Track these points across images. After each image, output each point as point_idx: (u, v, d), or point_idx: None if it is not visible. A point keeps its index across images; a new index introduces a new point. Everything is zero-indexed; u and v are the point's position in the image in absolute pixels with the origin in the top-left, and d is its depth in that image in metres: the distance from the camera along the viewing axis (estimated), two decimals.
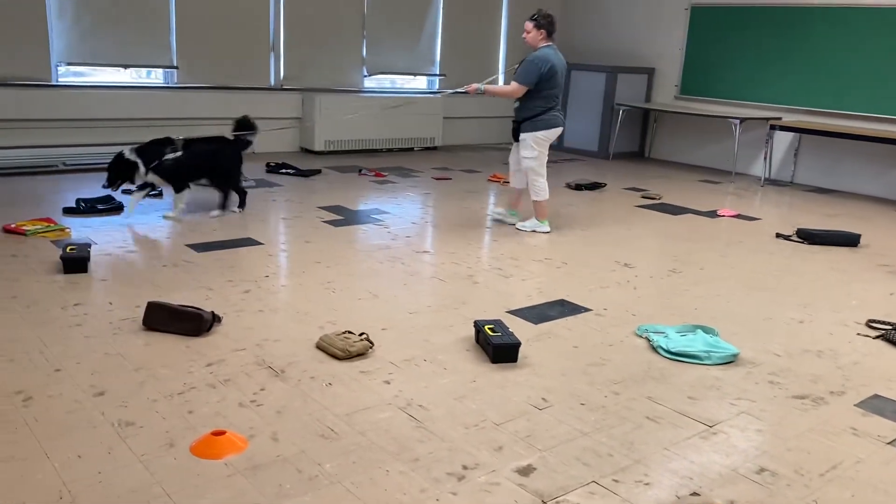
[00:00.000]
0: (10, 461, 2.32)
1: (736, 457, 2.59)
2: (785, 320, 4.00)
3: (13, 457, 2.35)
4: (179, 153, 5.37)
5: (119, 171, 5.25)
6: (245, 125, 5.77)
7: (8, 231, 4.81)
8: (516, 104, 5.51)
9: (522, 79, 5.36)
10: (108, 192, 5.43)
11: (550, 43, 5.41)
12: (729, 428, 2.80)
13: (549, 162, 5.64)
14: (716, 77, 9.09)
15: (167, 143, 5.41)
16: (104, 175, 5.31)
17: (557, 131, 5.52)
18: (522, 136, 5.47)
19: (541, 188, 5.54)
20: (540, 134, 5.44)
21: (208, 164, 5.57)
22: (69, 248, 4.20)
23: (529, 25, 5.39)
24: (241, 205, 5.78)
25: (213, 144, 5.65)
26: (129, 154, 5.23)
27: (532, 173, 5.53)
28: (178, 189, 5.45)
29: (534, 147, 5.46)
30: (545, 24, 5.37)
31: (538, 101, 5.39)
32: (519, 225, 5.68)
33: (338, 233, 5.28)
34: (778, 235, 5.86)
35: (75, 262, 4.11)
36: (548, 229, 5.61)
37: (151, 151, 5.31)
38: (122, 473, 2.29)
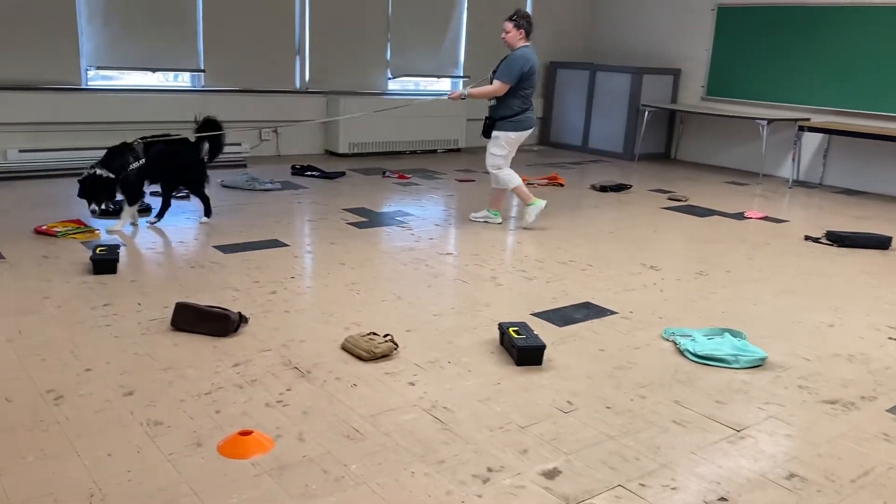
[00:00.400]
0: (43, 459, 2.36)
1: (765, 462, 2.56)
2: (814, 324, 3.95)
3: (45, 454, 2.38)
4: (143, 160, 5.07)
5: (101, 192, 4.96)
6: (209, 126, 5.36)
7: (39, 232, 4.89)
8: (492, 102, 5.53)
9: (506, 77, 5.37)
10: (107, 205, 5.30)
11: (528, 43, 5.48)
12: (757, 432, 2.76)
13: (574, 164, 5.64)
14: (743, 78, 8.99)
15: (128, 150, 5.07)
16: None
17: (529, 132, 5.62)
18: (496, 133, 5.50)
19: (508, 177, 5.58)
20: (513, 134, 5.52)
21: (166, 167, 5.20)
22: (99, 249, 4.26)
23: (509, 25, 5.41)
24: (207, 213, 5.43)
25: (172, 146, 5.25)
26: (101, 171, 4.90)
27: (495, 173, 5.60)
28: (133, 201, 5.10)
29: (504, 146, 5.52)
30: (524, 24, 5.41)
31: (516, 100, 5.44)
32: (524, 223, 5.64)
33: (362, 235, 5.31)
34: (807, 238, 5.79)
35: (105, 263, 4.16)
36: (544, 203, 5.66)
37: (118, 163, 4.97)
38: (151, 472, 2.32)
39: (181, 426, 2.60)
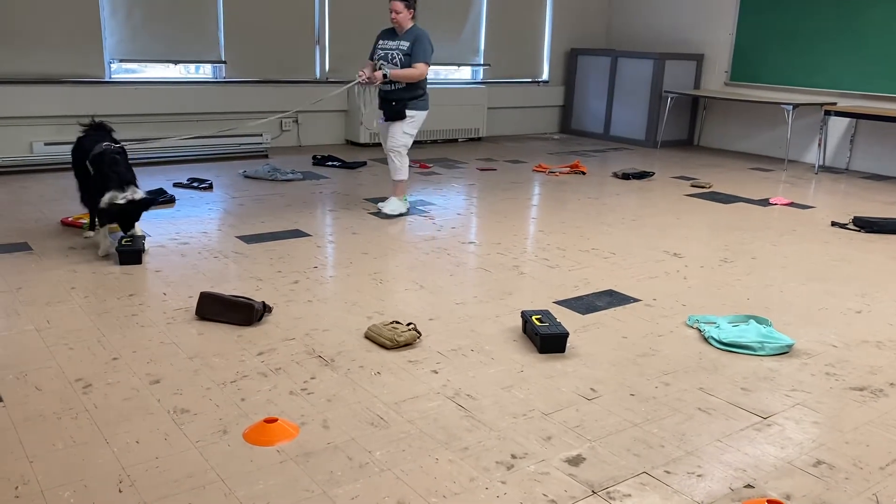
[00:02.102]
0: (73, 446, 2.40)
1: (791, 449, 2.54)
2: (841, 310, 3.90)
3: (75, 441, 2.42)
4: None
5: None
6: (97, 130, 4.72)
7: (66, 224, 4.95)
8: (392, 85, 5.34)
9: (425, 57, 5.29)
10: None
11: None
12: (784, 420, 2.74)
13: (595, 151, 5.59)
14: (767, 62, 8.86)
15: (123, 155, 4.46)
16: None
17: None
18: (411, 112, 5.38)
19: (405, 166, 5.53)
20: (425, 113, 5.48)
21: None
22: (124, 240, 4.30)
23: (400, 6, 5.26)
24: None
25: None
26: (129, 194, 4.21)
27: (401, 151, 5.48)
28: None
29: (414, 126, 5.46)
30: (414, 3, 5.33)
31: (423, 79, 5.39)
32: (387, 210, 5.50)
33: (384, 224, 5.31)
34: (833, 224, 5.70)
35: (130, 254, 4.21)
36: (408, 207, 5.63)
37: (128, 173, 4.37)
38: (179, 459, 2.35)
39: (207, 414, 2.63)
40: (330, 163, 7.45)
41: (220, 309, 3.43)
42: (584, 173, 7.50)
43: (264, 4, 7.94)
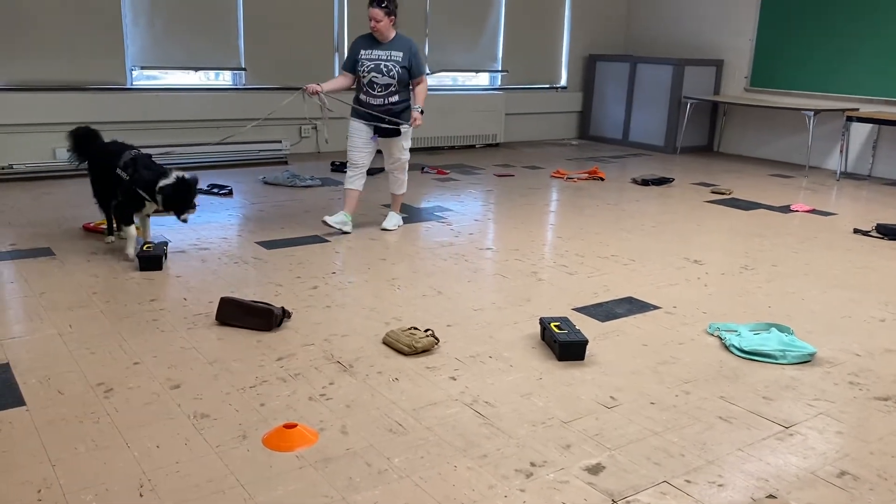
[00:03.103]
0: (94, 450, 2.42)
1: (814, 459, 2.51)
2: (865, 318, 3.85)
3: (96, 445, 2.44)
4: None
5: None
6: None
7: (87, 230, 5.00)
8: (385, 99, 4.97)
9: (425, 68, 5.03)
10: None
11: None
12: (807, 429, 2.70)
13: (614, 157, 5.56)
14: (788, 68, 8.79)
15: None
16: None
17: None
18: (405, 127, 5.05)
19: (405, 180, 5.35)
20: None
21: None
22: (146, 245, 4.34)
23: (380, 13, 4.84)
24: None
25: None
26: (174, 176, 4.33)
27: (405, 166, 5.26)
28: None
29: (409, 137, 5.18)
30: (394, 8, 4.93)
31: (408, 91, 5.09)
32: (391, 225, 5.25)
33: (402, 230, 5.32)
34: (856, 231, 5.64)
35: (150, 259, 4.24)
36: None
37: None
38: (199, 463, 2.36)
39: (227, 419, 2.64)
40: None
41: (240, 314, 3.45)
42: (602, 179, 7.47)
43: (284, 12, 8.00)
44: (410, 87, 5.09)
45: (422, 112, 5.06)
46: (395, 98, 5.00)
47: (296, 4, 8.04)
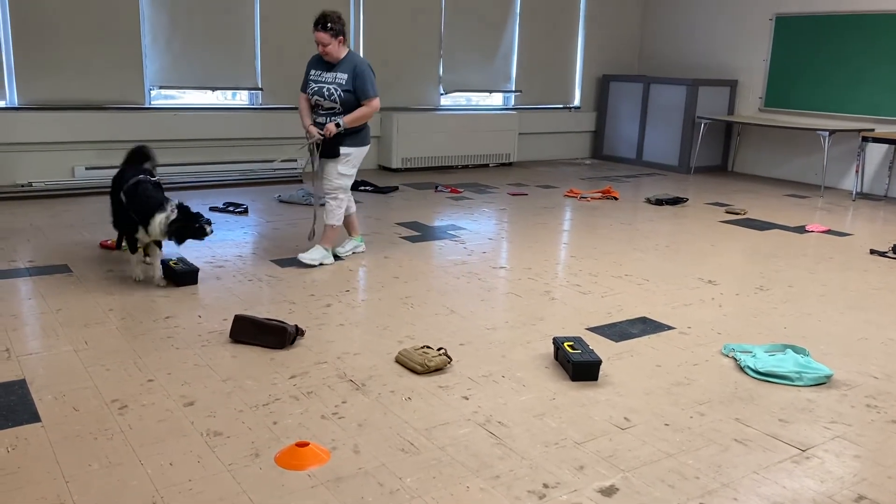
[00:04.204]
0: (108, 467, 2.42)
1: (831, 483, 2.47)
2: (882, 340, 3.81)
3: (110, 462, 2.45)
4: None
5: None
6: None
7: (104, 247, 5.05)
8: (328, 119, 4.69)
9: (375, 89, 4.70)
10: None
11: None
12: (823, 452, 2.67)
13: (628, 177, 5.55)
14: (802, 88, 8.78)
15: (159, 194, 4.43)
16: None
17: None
18: (347, 150, 4.72)
19: (342, 212, 4.86)
20: (364, 149, 4.85)
21: None
22: (172, 262, 4.39)
23: (326, 37, 4.59)
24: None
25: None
26: (172, 208, 4.23)
27: (342, 193, 4.80)
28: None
29: (354, 165, 4.82)
30: (341, 27, 4.65)
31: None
32: (303, 256, 4.78)
33: (415, 248, 5.33)
34: (872, 252, 5.60)
35: (186, 275, 4.30)
36: (332, 259, 4.90)
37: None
38: (211, 481, 2.36)
39: (240, 437, 2.64)
40: (363, 187, 7.51)
41: (254, 332, 3.47)
42: (616, 199, 7.47)
43: (300, 33, 8.07)
44: (354, 105, 4.71)
45: (339, 126, 4.61)
46: (337, 118, 4.69)
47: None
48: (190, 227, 4.24)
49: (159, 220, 4.17)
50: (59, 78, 6.92)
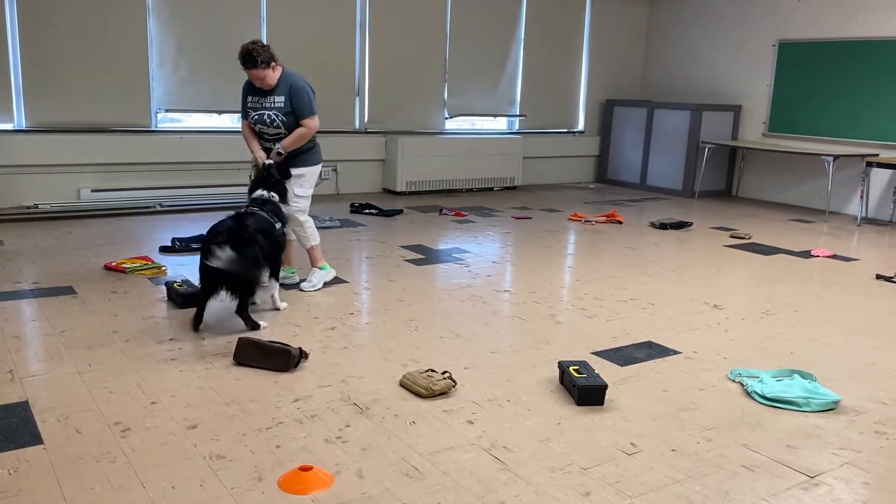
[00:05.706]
0: (110, 490, 2.40)
1: None
2: (889, 366, 3.78)
3: (112, 485, 2.43)
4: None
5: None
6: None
7: (109, 269, 5.06)
8: (274, 143, 4.57)
9: (313, 107, 4.58)
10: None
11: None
12: (832, 479, 2.64)
13: (632, 201, 5.55)
14: (806, 113, 8.81)
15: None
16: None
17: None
18: (300, 171, 4.61)
19: (313, 230, 4.81)
20: (318, 168, 4.76)
21: None
22: (176, 284, 4.39)
23: (260, 72, 4.46)
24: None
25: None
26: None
27: (301, 215, 4.69)
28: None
29: (310, 185, 4.72)
30: (271, 57, 4.50)
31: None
32: (306, 286, 4.74)
33: (419, 272, 5.33)
34: (878, 277, 5.57)
35: (190, 297, 4.24)
36: (333, 272, 4.94)
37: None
38: None
39: (243, 460, 2.62)
40: (367, 210, 7.53)
41: (258, 354, 3.46)
42: (620, 223, 7.47)
43: (305, 57, 8.14)
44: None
45: (281, 155, 4.51)
46: (273, 141, 4.60)
47: (317, 48, 8.19)
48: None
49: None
50: (66, 101, 6.97)
